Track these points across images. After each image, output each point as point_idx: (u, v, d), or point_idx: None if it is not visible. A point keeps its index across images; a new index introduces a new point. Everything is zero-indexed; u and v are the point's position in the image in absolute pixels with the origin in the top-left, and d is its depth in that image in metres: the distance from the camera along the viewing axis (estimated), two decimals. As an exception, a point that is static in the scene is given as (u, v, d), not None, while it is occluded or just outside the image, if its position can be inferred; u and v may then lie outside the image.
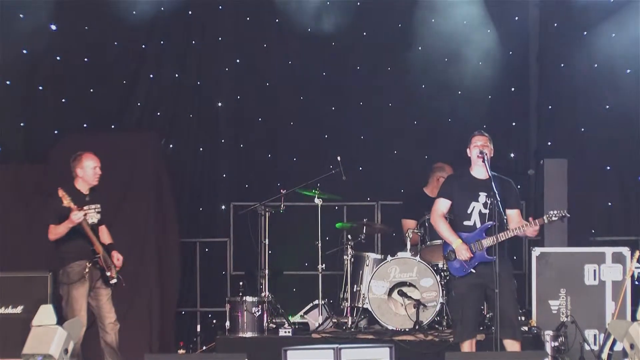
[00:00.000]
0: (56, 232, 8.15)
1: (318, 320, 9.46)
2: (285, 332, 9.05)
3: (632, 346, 7.08)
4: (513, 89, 11.18)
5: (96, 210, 8.39)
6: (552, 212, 7.66)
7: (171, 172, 10.58)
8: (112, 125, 10.77)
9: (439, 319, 9.14)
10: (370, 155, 11.19)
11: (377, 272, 9.18)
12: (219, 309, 9.91)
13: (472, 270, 7.71)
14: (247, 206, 9.92)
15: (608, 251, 9.09)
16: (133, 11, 10.35)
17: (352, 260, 9.52)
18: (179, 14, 10.91)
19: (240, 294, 9.17)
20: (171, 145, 10.96)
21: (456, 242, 7.74)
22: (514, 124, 11.18)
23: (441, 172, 9.88)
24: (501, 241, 7.60)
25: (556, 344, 8.54)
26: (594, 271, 9.06)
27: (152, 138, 10.45)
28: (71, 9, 10.18)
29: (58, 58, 10.39)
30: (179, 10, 10.86)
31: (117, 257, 8.41)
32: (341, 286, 9.61)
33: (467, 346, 7.74)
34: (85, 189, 8.34)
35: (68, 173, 8.42)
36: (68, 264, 8.20)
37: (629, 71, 10.37)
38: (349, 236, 9.71)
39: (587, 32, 10.50)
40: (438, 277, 9.03)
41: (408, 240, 9.39)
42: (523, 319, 8.97)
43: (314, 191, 9.67)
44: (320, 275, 9.62)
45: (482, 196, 7.73)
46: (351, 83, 11.09)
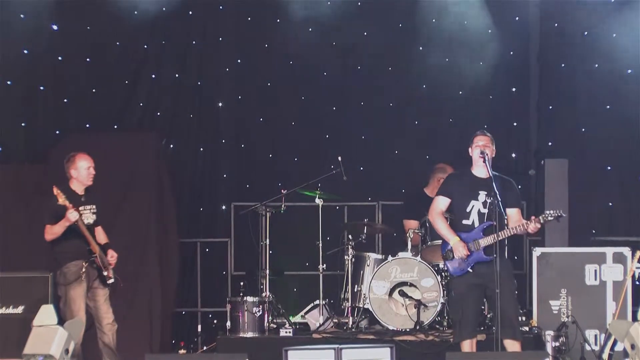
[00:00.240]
0: (52, 232, 8.13)
1: (319, 320, 9.46)
2: (286, 332, 9.04)
3: (633, 346, 7.08)
4: (513, 89, 11.19)
5: (92, 210, 8.36)
6: (548, 212, 7.64)
7: (172, 172, 10.58)
8: (114, 125, 10.76)
9: (440, 319, 9.13)
10: (371, 155, 11.19)
11: (378, 272, 9.17)
12: (220, 309, 9.90)
13: (470, 269, 7.70)
14: (248, 206, 9.91)
15: (609, 251, 9.08)
16: (134, 11, 10.35)
17: (353, 260, 9.52)
18: (180, 14, 10.91)
19: (241, 294, 9.16)
20: (171, 145, 10.95)
21: (453, 239, 7.73)
22: (515, 124, 11.18)
23: (442, 173, 9.84)
24: (500, 240, 7.59)
25: (557, 344, 8.54)
26: (595, 271, 9.05)
27: (153, 138, 10.45)
28: (72, 9, 10.17)
29: (60, 58, 10.39)
30: (180, 10, 10.86)
31: (112, 255, 8.39)
32: (342, 286, 9.61)
33: (468, 346, 7.73)
34: (80, 190, 8.32)
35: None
36: (64, 265, 8.18)
37: (630, 71, 10.37)
38: (350, 236, 9.71)
39: (588, 32, 10.50)
40: (439, 277, 9.02)
41: (409, 240, 9.39)
42: (524, 319, 8.97)
43: (317, 192, 9.67)
44: (321, 275, 9.62)
45: (482, 195, 7.72)
46: (352, 83, 11.09)
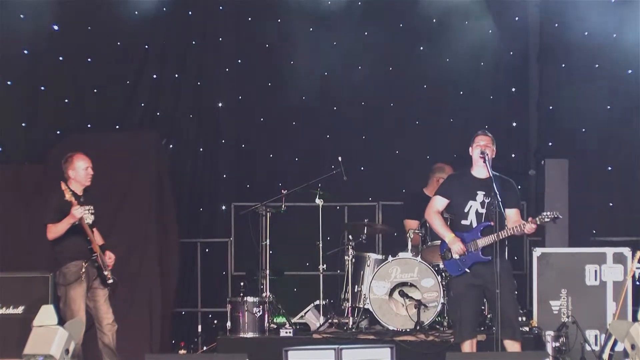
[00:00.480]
0: (56, 230, 8.10)
1: (319, 320, 9.46)
2: (286, 333, 9.04)
3: (633, 346, 7.07)
4: (513, 89, 11.19)
5: (90, 211, 8.33)
6: (545, 214, 7.62)
7: (171, 172, 10.58)
8: (115, 125, 10.75)
9: (440, 320, 9.13)
10: (371, 155, 11.20)
11: (378, 273, 9.17)
12: (220, 310, 9.89)
13: (467, 270, 7.70)
14: (248, 206, 9.91)
15: (609, 251, 9.08)
16: (135, 11, 10.35)
17: (353, 260, 9.52)
18: (180, 14, 10.92)
19: (241, 295, 9.16)
20: (171, 145, 10.95)
21: (449, 236, 7.73)
22: (515, 124, 11.18)
23: (441, 173, 9.86)
24: (499, 240, 7.58)
25: (557, 345, 8.54)
26: (595, 271, 9.05)
27: (153, 138, 10.45)
28: (73, 9, 10.16)
29: (60, 58, 10.38)
30: (180, 10, 10.87)
31: (109, 256, 8.38)
32: (342, 286, 9.61)
33: (468, 346, 7.73)
34: (78, 190, 8.27)
35: (68, 174, 8.42)
36: (64, 265, 8.16)
37: (630, 71, 10.37)
38: (350, 236, 9.71)
39: (588, 33, 10.49)
40: (439, 278, 9.02)
41: (409, 240, 9.39)
42: (524, 320, 8.97)
43: (319, 192, 9.67)
44: (321, 275, 9.63)
45: (480, 195, 7.72)
46: (352, 83, 11.08)
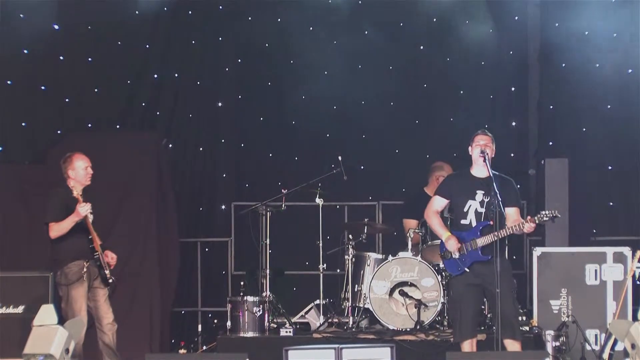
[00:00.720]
0: (59, 229, 8.08)
1: (319, 320, 9.46)
2: (286, 332, 9.04)
3: (633, 346, 7.06)
4: (513, 89, 11.20)
5: (89, 211, 8.36)
6: (543, 213, 7.62)
7: (171, 172, 10.58)
8: (115, 125, 10.75)
9: (440, 319, 9.13)
10: (371, 155, 11.20)
11: (378, 272, 9.17)
12: (220, 309, 9.91)
13: (466, 269, 7.70)
14: (248, 206, 9.92)
15: (609, 251, 9.08)
16: (135, 11, 10.35)
17: (353, 260, 9.52)
18: (180, 14, 10.92)
19: (241, 294, 9.16)
20: (171, 145, 10.94)
21: (445, 235, 7.74)
22: (514, 124, 11.18)
23: (440, 171, 9.88)
24: (500, 239, 7.58)
25: (557, 344, 8.54)
26: (595, 271, 9.05)
27: (153, 138, 10.44)
28: (73, 9, 10.16)
29: (61, 58, 10.38)
30: (180, 10, 10.87)
31: (111, 256, 8.37)
32: (342, 286, 9.61)
33: (468, 346, 7.72)
34: (78, 190, 8.30)
35: (68, 174, 8.41)
36: (65, 265, 8.15)
37: (630, 71, 10.37)
38: (350, 236, 9.71)
39: (589, 32, 10.49)
40: (439, 277, 9.02)
41: (409, 240, 9.39)
42: (524, 319, 8.97)
43: (319, 191, 9.67)
44: (321, 275, 9.62)
45: (479, 194, 7.72)
46: (352, 82, 11.08)
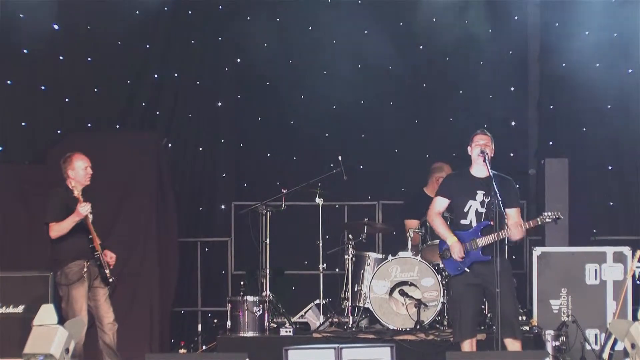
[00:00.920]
0: (59, 229, 8.09)
1: (319, 319, 9.46)
2: (286, 332, 9.04)
3: (633, 346, 7.06)
4: (513, 89, 11.20)
5: (89, 211, 8.35)
6: (546, 214, 7.63)
7: (171, 172, 10.58)
8: (115, 125, 10.75)
9: (440, 319, 9.13)
10: (371, 154, 11.20)
11: (378, 272, 9.17)
12: (220, 309, 9.91)
13: (467, 269, 7.70)
14: (248, 206, 9.92)
15: (609, 251, 9.08)
16: (135, 11, 10.35)
17: (353, 259, 9.52)
18: (180, 14, 10.92)
19: (241, 294, 9.16)
20: (170, 144, 10.94)
21: (451, 240, 7.72)
22: (514, 123, 11.19)
23: (440, 173, 9.88)
24: (500, 239, 7.59)
25: (557, 344, 8.54)
26: (595, 271, 9.05)
27: (153, 138, 10.44)
28: (73, 9, 10.16)
29: (61, 58, 10.38)
30: (180, 10, 10.87)
31: (110, 256, 8.38)
32: (342, 286, 9.61)
33: (468, 346, 7.72)
34: (78, 189, 8.30)
35: (68, 173, 8.41)
36: (66, 265, 8.16)
37: (630, 71, 10.38)
38: (350, 236, 9.71)
39: (589, 32, 10.49)
40: (439, 277, 9.02)
41: (409, 239, 9.39)
42: (524, 319, 8.97)
43: (319, 191, 9.67)
44: (321, 274, 9.63)
45: (480, 194, 7.72)
46: (352, 82, 11.07)
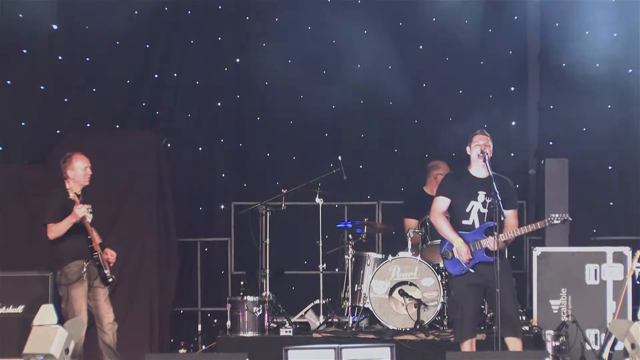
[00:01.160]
0: (57, 230, 8.11)
1: (319, 319, 9.46)
2: (286, 332, 9.05)
3: (633, 346, 7.06)
4: (513, 89, 11.20)
5: (88, 210, 8.35)
6: (554, 215, 7.64)
7: (171, 172, 10.57)
8: (115, 125, 10.75)
9: (440, 319, 9.14)
10: (370, 154, 11.20)
11: (378, 272, 9.17)
12: (220, 309, 9.91)
13: (471, 270, 7.70)
14: (248, 206, 9.93)
15: (609, 251, 9.08)
16: (135, 11, 10.35)
17: (353, 259, 9.52)
18: (180, 14, 10.92)
19: (241, 294, 9.16)
20: (169, 144, 10.93)
21: (457, 242, 7.71)
22: (514, 124, 11.18)
23: (437, 170, 9.92)
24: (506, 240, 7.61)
25: (557, 344, 8.54)
26: (595, 271, 9.05)
27: (153, 138, 10.44)
28: (72, 9, 10.16)
29: (60, 57, 10.38)
30: (180, 10, 10.87)
31: (111, 254, 8.38)
32: (342, 286, 9.61)
33: (468, 346, 7.73)
34: (77, 190, 8.28)
35: (68, 173, 8.41)
36: (65, 265, 8.17)
37: (631, 71, 10.37)
38: (350, 236, 9.71)
39: (589, 32, 10.49)
40: (439, 277, 9.02)
41: (409, 239, 9.39)
42: (524, 319, 8.97)
43: (319, 191, 9.67)
44: (321, 274, 9.63)
45: (481, 195, 7.73)
46: (351, 81, 11.07)
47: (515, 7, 10.97)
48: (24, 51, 10.09)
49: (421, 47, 11.16)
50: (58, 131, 10.28)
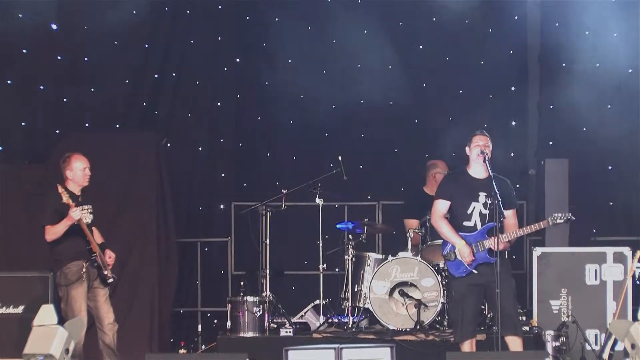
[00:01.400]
0: (54, 232, 8.12)
1: (319, 320, 9.46)
2: (286, 332, 9.05)
3: (633, 346, 7.05)
4: (513, 89, 11.19)
5: (88, 210, 8.34)
6: (557, 215, 7.64)
7: (171, 172, 10.57)
8: (114, 125, 10.75)
9: (440, 319, 9.13)
10: (370, 154, 11.19)
11: (378, 272, 9.17)
12: (220, 309, 9.92)
13: (474, 270, 7.70)
14: (248, 206, 9.93)
15: (609, 251, 9.07)
16: (134, 11, 10.34)
17: (353, 260, 9.52)
18: (179, 14, 10.92)
19: (241, 294, 9.16)
20: (169, 144, 10.93)
21: (460, 244, 7.71)
22: (514, 124, 11.18)
23: (435, 169, 9.93)
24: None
25: (557, 344, 8.52)
26: (595, 271, 9.04)
27: (153, 138, 10.43)
28: (71, 9, 10.16)
29: (59, 57, 10.38)
30: (179, 9, 10.87)
31: (110, 255, 8.39)
32: (342, 286, 9.61)
33: (468, 346, 7.74)
34: (76, 190, 8.29)
35: (68, 173, 8.41)
36: (65, 265, 8.17)
37: (630, 71, 10.37)
38: (350, 236, 9.71)
39: (589, 32, 10.49)
40: (439, 277, 9.02)
41: (409, 240, 9.39)
42: (524, 319, 8.97)
43: (319, 191, 9.66)
44: (321, 275, 9.62)
45: (482, 196, 7.72)
46: (351, 81, 11.06)
47: (515, 7, 10.97)
48: (24, 51, 10.09)
49: (421, 47, 11.16)
50: (58, 131, 10.29)
